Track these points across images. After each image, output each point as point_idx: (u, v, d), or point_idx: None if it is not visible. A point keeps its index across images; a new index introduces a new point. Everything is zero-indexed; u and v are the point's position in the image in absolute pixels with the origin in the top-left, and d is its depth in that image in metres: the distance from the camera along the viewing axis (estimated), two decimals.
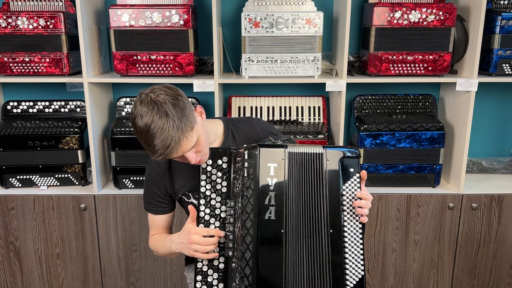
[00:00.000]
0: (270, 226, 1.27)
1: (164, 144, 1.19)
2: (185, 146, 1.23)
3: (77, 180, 2.34)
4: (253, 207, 1.26)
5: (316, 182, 1.30)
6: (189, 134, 1.23)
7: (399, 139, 2.26)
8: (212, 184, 1.33)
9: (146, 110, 1.20)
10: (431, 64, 2.21)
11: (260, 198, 1.27)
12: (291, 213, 1.28)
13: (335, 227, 1.30)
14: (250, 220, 1.26)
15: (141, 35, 2.14)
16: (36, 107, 2.40)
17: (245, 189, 1.27)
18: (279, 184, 1.28)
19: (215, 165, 1.34)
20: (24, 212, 2.26)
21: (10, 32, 2.14)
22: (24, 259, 2.33)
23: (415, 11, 2.13)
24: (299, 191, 1.30)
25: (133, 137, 2.23)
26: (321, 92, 2.45)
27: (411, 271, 2.37)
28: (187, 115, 1.23)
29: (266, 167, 1.28)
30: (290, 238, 1.28)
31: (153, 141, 1.19)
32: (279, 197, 1.28)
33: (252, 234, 1.25)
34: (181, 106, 1.22)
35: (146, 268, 2.35)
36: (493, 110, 2.62)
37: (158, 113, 1.19)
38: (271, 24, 2.14)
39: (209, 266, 1.31)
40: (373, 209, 2.27)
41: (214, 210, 1.33)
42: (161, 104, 1.20)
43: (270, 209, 1.27)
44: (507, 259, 2.37)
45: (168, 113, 1.19)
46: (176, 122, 1.19)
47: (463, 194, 2.27)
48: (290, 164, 1.30)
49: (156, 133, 1.18)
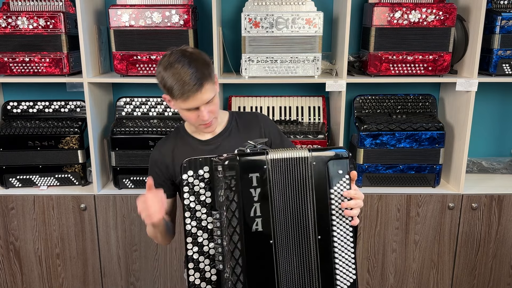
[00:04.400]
0: (258, 238, 1.22)
1: (190, 81, 1.31)
2: (204, 93, 1.35)
3: (77, 180, 2.34)
4: (238, 221, 1.21)
5: (302, 187, 1.25)
6: (209, 83, 1.36)
7: (399, 139, 2.26)
8: (196, 195, 1.28)
9: (177, 57, 1.35)
10: (431, 64, 2.21)
11: (245, 210, 1.21)
12: (278, 222, 1.24)
13: (323, 233, 1.26)
14: (236, 234, 1.21)
15: (141, 35, 2.14)
16: (36, 107, 2.40)
17: (229, 202, 1.21)
18: (263, 194, 1.22)
19: (196, 175, 1.27)
20: (24, 212, 2.26)
21: (10, 32, 2.15)
22: (24, 259, 2.33)
23: (415, 11, 2.13)
24: (285, 199, 1.24)
25: (133, 137, 2.24)
26: (321, 92, 2.45)
27: (411, 271, 2.37)
28: (210, 70, 1.38)
29: (248, 178, 1.21)
30: (280, 248, 1.24)
31: (179, 79, 1.32)
32: (265, 208, 1.22)
33: (240, 248, 1.21)
34: (207, 61, 1.39)
35: (146, 268, 2.35)
36: (493, 110, 2.62)
37: (187, 60, 1.34)
38: (271, 24, 2.14)
39: (202, 279, 1.28)
40: (373, 209, 2.27)
41: (201, 222, 1.28)
42: (190, 54, 1.36)
43: (256, 220, 1.22)
44: (507, 259, 2.37)
45: (198, 61, 1.35)
46: (202, 68, 1.34)
47: (463, 194, 2.27)
48: (274, 172, 1.23)
49: (183, 73, 1.32)
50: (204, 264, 1.28)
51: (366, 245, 2.33)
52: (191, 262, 1.28)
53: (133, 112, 2.37)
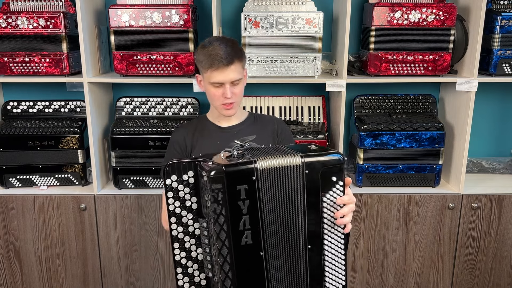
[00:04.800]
0: (248, 251, 1.17)
1: (225, 54, 1.47)
2: (232, 71, 1.50)
3: (77, 180, 2.34)
4: (227, 234, 1.14)
5: (293, 196, 1.19)
6: (238, 64, 1.52)
7: (399, 139, 2.26)
8: (181, 201, 1.22)
9: (216, 37, 1.58)
10: (431, 64, 2.20)
11: (234, 224, 1.14)
12: (269, 233, 1.19)
13: (314, 243, 1.22)
14: (225, 247, 1.15)
15: (141, 35, 2.14)
16: (36, 107, 2.40)
17: (216, 216, 1.14)
18: (252, 206, 1.15)
19: (181, 180, 1.20)
20: (24, 212, 2.26)
21: (10, 32, 2.14)
22: (24, 259, 2.33)
23: (415, 11, 2.13)
24: (275, 209, 1.19)
25: (133, 137, 2.24)
26: (321, 92, 2.45)
27: (411, 271, 2.37)
28: (243, 57, 1.57)
29: (235, 190, 1.13)
30: (271, 259, 1.20)
31: (217, 50, 1.48)
32: (254, 220, 1.16)
33: (229, 261, 1.15)
34: (242, 50, 1.58)
35: (146, 268, 2.35)
36: (493, 110, 2.62)
37: (225, 40, 1.54)
38: (271, 24, 2.14)
39: (191, 283, 1.25)
40: (373, 209, 2.27)
41: (187, 228, 1.23)
42: (229, 39, 1.56)
43: (245, 233, 1.16)
44: (507, 259, 2.37)
45: (235, 45, 1.54)
46: (234, 49, 1.52)
47: (463, 194, 2.27)
48: (263, 182, 1.16)
49: (222, 47, 1.50)
50: (192, 269, 1.25)
51: (366, 245, 2.33)
52: (179, 267, 1.25)
53: (133, 112, 2.37)
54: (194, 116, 2.35)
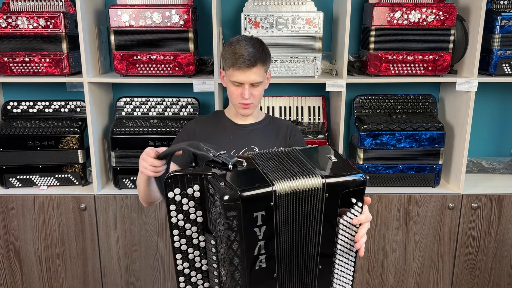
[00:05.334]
0: (261, 274, 1.12)
1: (249, 55, 1.48)
2: (253, 72, 1.50)
3: (77, 180, 2.34)
4: (240, 260, 1.09)
5: (310, 220, 1.14)
6: (261, 68, 1.52)
7: (399, 139, 2.26)
8: (185, 214, 1.15)
9: (245, 36, 1.57)
10: (431, 64, 2.21)
11: (248, 249, 1.08)
12: (283, 255, 1.15)
13: (325, 262, 1.19)
14: (238, 272, 1.10)
15: (141, 35, 2.14)
16: (36, 107, 2.40)
17: (230, 242, 1.07)
18: (268, 232, 1.09)
19: (185, 194, 1.14)
20: (24, 212, 2.26)
21: (10, 32, 2.15)
22: (24, 259, 2.33)
23: (415, 11, 2.13)
24: (291, 232, 1.14)
25: (133, 137, 2.24)
26: (321, 92, 2.45)
27: (411, 271, 2.37)
28: (268, 61, 1.57)
29: (252, 217, 1.06)
30: (283, 279, 1.17)
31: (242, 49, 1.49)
32: (270, 244, 1.11)
33: (242, 284, 1.11)
34: (269, 53, 1.58)
35: (146, 268, 2.35)
36: (493, 110, 2.62)
37: (253, 41, 1.54)
38: (271, 24, 2.14)
39: None
40: (373, 209, 2.27)
41: (192, 241, 1.18)
42: (257, 40, 1.56)
43: (260, 258, 1.10)
44: (507, 259, 2.37)
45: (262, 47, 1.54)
46: (260, 51, 1.52)
47: (463, 194, 2.27)
48: (281, 207, 1.09)
49: (248, 47, 1.50)
50: (196, 278, 1.22)
51: (366, 245, 2.32)
52: (182, 276, 1.21)
53: (133, 112, 2.37)
54: (194, 116, 2.35)
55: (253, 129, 1.66)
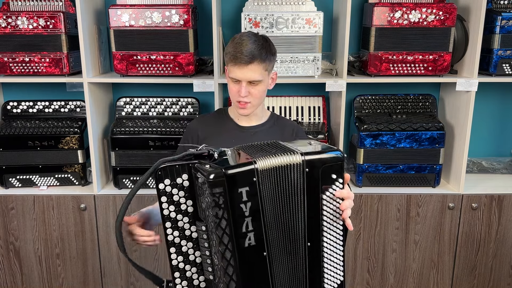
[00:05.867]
0: (251, 253, 1.15)
1: (247, 50, 1.44)
2: (252, 70, 1.47)
3: (77, 180, 2.34)
4: (230, 238, 1.12)
5: (293, 195, 1.19)
6: (260, 65, 1.47)
7: (399, 139, 2.26)
8: (176, 205, 1.18)
9: (250, 33, 1.53)
10: (431, 64, 2.20)
11: (236, 226, 1.12)
12: (271, 232, 1.18)
13: (313, 240, 1.22)
14: (229, 251, 1.13)
15: (141, 35, 2.14)
16: (36, 107, 2.40)
17: (218, 220, 1.11)
18: (254, 207, 1.14)
19: (174, 184, 1.17)
20: (24, 212, 2.26)
21: (10, 32, 2.14)
22: (24, 259, 2.33)
23: (415, 11, 2.12)
24: (276, 208, 1.18)
25: (133, 137, 2.24)
26: (321, 92, 2.45)
27: (411, 271, 2.37)
28: (269, 60, 1.51)
29: (237, 193, 1.11)
30: (273, 258, 1.19)
31: (241, 43, 1.46)
32: (257, 221, 1.14)
33: (233, 264, 1.14)
34: (272, 51, 1.53)
35: (146, 268, 2.35)
36: (493, 110, 2.62)
37: (256, 37, 1.50)
38: (271, 24, 2.14)
39: (190, 287, 1.23)
40: (373, 209, 2.27)
41: (184, 232, 1.20)
42: (262, 37, 1.52)
43: (248, 235, 1.14)
44: (507, 259, 2.37)
45: (264, 45, 1.49)
46: (263, 50, 1.47)
47: (463, 194, 2.27)
48: (264, 182, 1.15)
49: (248, 42, 1.46)
50: (191, 272, 1.23)
51: (366, 245, 2.33)
52: (177, 272, 1.22)
53: (133, 112, 2.37)
54: (194, 116, 2.35)
55: (256, 131, 1.62)
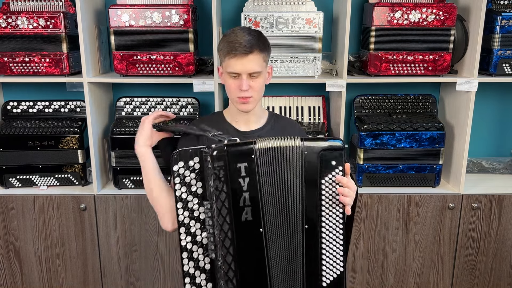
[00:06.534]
0: (248, 227, 1.23)
1: (243, 42, 1.39)
2: (250, 61, 1.40)
3: (77, 180, 2.34)
4: (228, 210, 1.21)
5: (291, 176, 1.25)
6: (259, 55, 1.42)
7: (399, 139, 2.26)
8: (187, 186, 1.28)
9: (242, 27, 1.50)
10: (431, 64, 2.20)
11: (234, 200, 1.21)
12: (268, 211, 1.25)
13: (310, 223, 1.26)
14: (227, 223, 1.22)
15: (141, 35, 2.14)
16: (36, 107, 2.40)
17: (218, 192, 1.21)
18: (252, 184, 1.22)
19: (187, 166, 1.27)
20: (24, 212, 2.26)
21: (10, 32, 2.14)
22: (24, 259, 2.33)
23: (415, 11, 2.12)
24: (274, 187, 1.25)
25: (133, 137, 2.23)
26: (321, 92, 2.45)
27: (411, 271, 2.37)
28: (267, 51, 1.46)
29: (236, 168, 1.21)
30: (270, 236, 1.25)
31: (237, 37, 1.40)
32: (254, 197, 1.23)
33: (230, 237, 1.22)
34: (267, 43, 1.48)
35: (146, 268, 2.35)
36: (493, 110, 2.62)
37: (250, 29, 1.45)
38: (271, 24, 2.14)
39: (196, 268, 1.29)
40: (373, 209, 2.27)
41: (193, 213, 1.29)
42: (256, 30, 1.47)
43: (246, 209, 1.22)
44: (507, 259, 2.37)
45: (259, 34, 1.45)
46: (258, 39, 1.42)
47: (463, 194, 2.27)
48: (262, 161, 1.24)
49: (244, 34, 1.41)
50: (197, 253, 1.29)
51: (366, 245, 2.33)
52: (185, 252, 1.29)
53: (133, 112, 2.37)
54: (194, 116, 2.35)
55: (257, 135, 1.54)
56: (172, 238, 2.30)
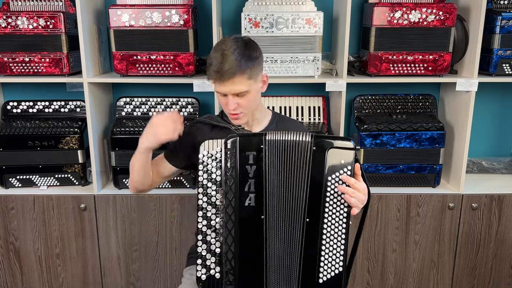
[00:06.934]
0: (250, 212, 1.30)
1: (223, 65, 1.37)
2: (235, 84, 1.39)
3: (77, 180, 2.34)
4: (234, 194, 1.29)
5: (297, 170, 1.30)
6: (243, 78, 1.39)
7: (399, 139, 2.26)
8: (208, 173, 1.36)
9: (230, 40, 1.43)
10: (431, 64, 2.20)
11: (240, 185, 1.29)
12: (271, 199, 1.30)
13: (312, 217, 1.30)
14: (231, 206, 1.30)
15: (141, 35, 2.14)
16: (36, 107, 2.40)
17: (227, 177, 1.30)
18: (258, 172, 1.29)
19: (210, 155, 1.36)
20: (24, 212, 2.26)
21: (10, 32, 2.14)
22: (24, 259, 2.33)
23: (415, 11, 2.12)
24: (279, 178, 1.30)
25: (133, 137, 2.23)
26: (321, 92, 2.45)
27: (411, 271, 2.37)
28: (252, 67, 1.41)
29: (245, 155, 1.29)
30: (271, 224, 1.31)
31: (218, 58, 1.38)
32: (259, 184, 1.29)
33: (233, 219, 1.29)
34: (254, 57, 1.42)
35: (146, 268, 2.35)
36: (493, 110, 2.62)
37: (235, 46, 1.40)
38: (271, 24, 2.14)
39: (208, 251, 1.36)
40: (373, 209, 2.27)
41: (210, 198, 1.36)
42: (243, 44, 1.42)
43: (249, 195, 1.29)
44: (507, 259, 2.37)
45: (244, 52, 1.39)
46: (242, 60, 1.38)
47: (463, 194, 2.27)
48: (270, 152, 1.29)
49: (224, 55, 1.38)
50: (210, 237, 1.36)
51: (366, 245, 2.33)
52: (200, 234, 1.36)
53: (133, 112, 2.37)
54: (194, 116, 2.35)
55: None
56: (172, 238, 2.30)
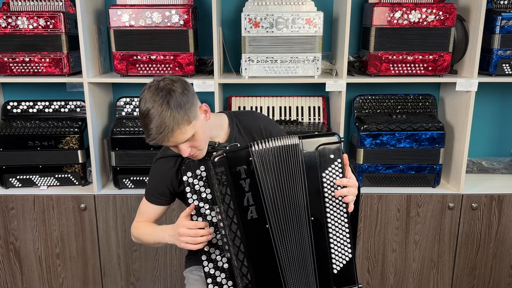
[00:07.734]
0: (254, 225, 1.30)
1: (158, 130, 1.26)
2: (178, 137, 1.29)
3: (77, 180, 2.34)
4: (234, 211, 1.29)
5: (292, 173, 1.32)
6: (184, 127, 1.29)
7: (399, 139, 2.26)
8: (197, 194, 1.36)
9: (151, 95, 1.28)
10: (431, 64, 2.20)
11: (238, 201, 1.29)
12: (272, 207, 1.32)
13: (316, 215, 1.33)
14: (234, 223, 1.30)
15: (141, 35, 2.14)
16: (36, 107, 2.40)
17: (223, 196, 1.29)
18: (253, 184, 1.30)
19: (195, 175, 1.36)
20: (24, 212, 2.26)
21: (10, 32, 2.14)
22: (24, 259, 2.33)
23: (415, 11, 2.13)
24: (275, 185, 1.31)
25: (133, 137, 2.24)
26: (321, 92, 2.45)
27: (411, 271, 2.37)
28: (187, 110, 1.29)
29: (236, 171, 1.29)
30: (277, 231, 1.32)
31: (149, 124, 1.27)
32: (256, 196, 1.30)
33: (240, 236, 1.30)
34: (184, 100, 1.29)
35: (146, 268, 2.35)
36: (493, 110, 2.62)
37: (160, 101, 1.26)
38: (271, 24, 2.14)
39: (216, 268, 1.37)
40: (373, 209, 2.27)
41: (206, 217, 1.37)
42: (165, 94, 1.28)
43: (250, 209, 1.30)
44: (507, 259, 2.37)
45: (169, 103, 1.26)
46: (173, 112, 1.26)
47: (463, 194, 2.27)
48: (260, 162, 1.30)
49: (153, 118, 1.26)
50: (215, 254, 1.37)
51: (366, 245, 2.33)
52: (204, 255, 1.37)
53: (133, 112, 2.37)
54: None
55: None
56: None
